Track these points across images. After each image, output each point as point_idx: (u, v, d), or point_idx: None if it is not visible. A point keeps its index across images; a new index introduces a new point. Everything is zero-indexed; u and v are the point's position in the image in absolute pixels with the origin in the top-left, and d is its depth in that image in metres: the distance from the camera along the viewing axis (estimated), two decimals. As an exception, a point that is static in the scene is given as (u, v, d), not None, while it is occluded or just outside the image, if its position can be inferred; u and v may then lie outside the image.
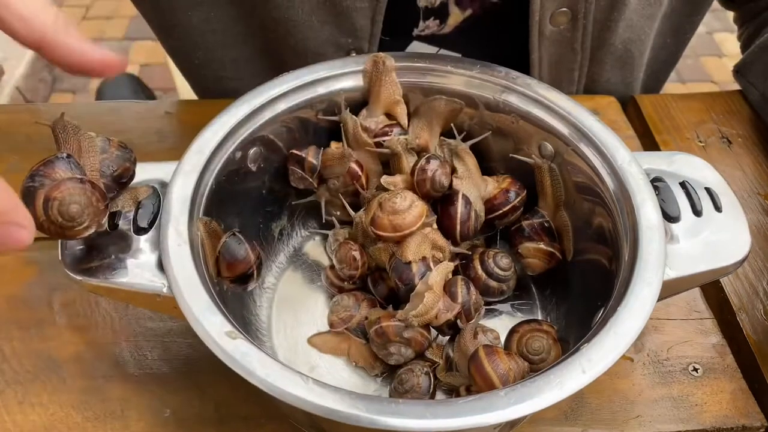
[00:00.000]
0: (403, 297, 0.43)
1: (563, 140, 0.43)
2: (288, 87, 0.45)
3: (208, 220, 0.39)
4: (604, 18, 0.60)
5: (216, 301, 0.34)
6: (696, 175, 0.42)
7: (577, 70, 0.63)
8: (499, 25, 0.61)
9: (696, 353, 0.46)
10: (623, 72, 0.67)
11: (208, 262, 0.38)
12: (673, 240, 0.38)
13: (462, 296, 0.42)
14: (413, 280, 0.42)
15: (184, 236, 0.36)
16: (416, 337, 0.41)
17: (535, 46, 0.59)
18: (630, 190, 0.39)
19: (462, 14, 0.61)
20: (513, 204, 0.45)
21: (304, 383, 0.31)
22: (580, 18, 0.58)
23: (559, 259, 0.45)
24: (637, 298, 0.34)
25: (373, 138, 0.47)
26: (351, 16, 0.57)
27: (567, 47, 0.60)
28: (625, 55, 0.65)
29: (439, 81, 0.47)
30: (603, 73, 0.65)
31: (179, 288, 0.34)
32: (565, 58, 0.61)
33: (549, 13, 0.57)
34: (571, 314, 0.45)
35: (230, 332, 0.32)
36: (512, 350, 0.42)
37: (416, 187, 0.44)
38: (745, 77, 0.64)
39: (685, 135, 0.61)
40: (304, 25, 0.58)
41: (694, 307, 0.48)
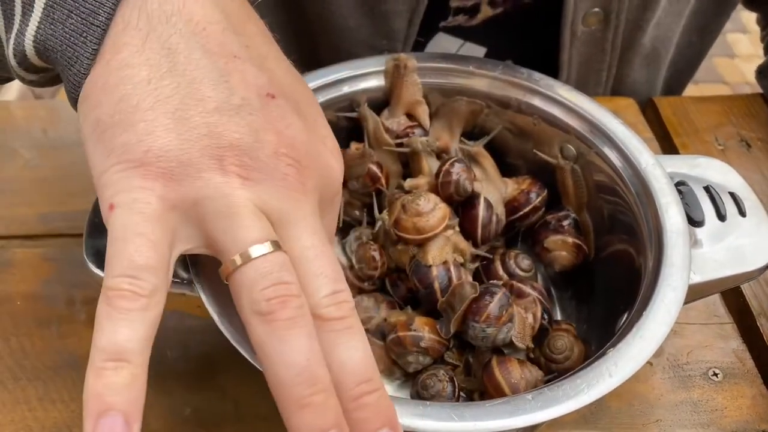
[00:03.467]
0: (423, 299, 0.43)
1: (586, 142, 0.43)
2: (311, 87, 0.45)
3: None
4: (636, 18, 0.59)
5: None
6: (719, 179, 0.42)
7: (605, 71, 0.62)
8: (527, 22, 0.61)
9: (716, 358, 0.46)
10: (649, 71, 0.66)
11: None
12: (698, 244, 0.38)
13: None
14: (433, 283, 0.42)
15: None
16: (433, 346, 0.41)
17: (566, 46, 0.59)
18: (654, 194, 0.39)
19: (493, 11, 0.61)
20: (534, 204, 0.45)
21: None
22: (612, 18, 0.57)
23: (586, 253, 0.45)
24: (663, 303, 0.34)
25: (394, 139, 0.47)
26: (389, 18, 0.57)
27: (597, 48, 0.60)
28: (653, 53, 0.65)
29: (460, 82, 0.46)
30: (630, 73, 0.65)
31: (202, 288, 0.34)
32: (595, 58, 0.61)
33: (582, 13, 0.56)
34: (592, 317, 0.45)
35: (256, 332, 0.32)
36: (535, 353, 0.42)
37: (440, 189, 0.44)
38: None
39: (704, 138, 0.61)
40: (340, 26, 0.58)
41: (714, 312, 0.48)
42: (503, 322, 0.38)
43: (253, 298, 0.25)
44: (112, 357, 0.24)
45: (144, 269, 0.25)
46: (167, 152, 0.26)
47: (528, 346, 0.39)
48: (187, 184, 0.26)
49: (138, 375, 0.24)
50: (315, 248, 0.27)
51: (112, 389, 0.23)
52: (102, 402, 0.23)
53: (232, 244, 0.26)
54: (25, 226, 0.51)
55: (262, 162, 0.27)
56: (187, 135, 0.26)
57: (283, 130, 0.28)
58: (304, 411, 0.25)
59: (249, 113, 0.27)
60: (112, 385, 0.23)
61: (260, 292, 0.25)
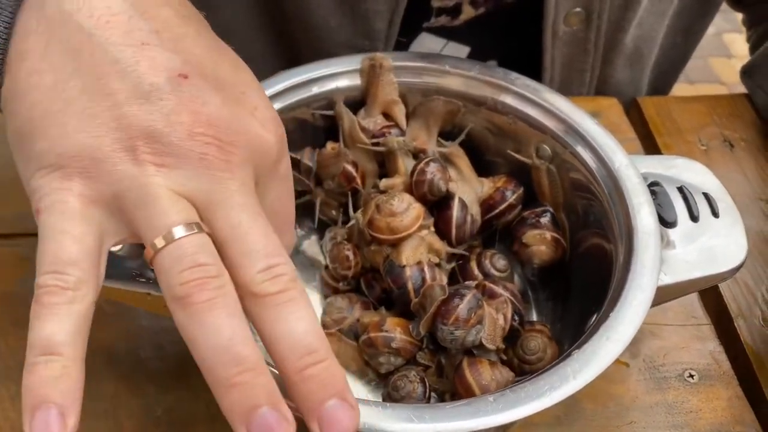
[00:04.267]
0: (396, 300, 0.42)
1: (560, 142, 0.43)
2: (283, 86, 0.44)
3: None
4: (618, 18, 0.59)
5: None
6: (694, 179, 0.41)
7: (588, 71, 0.62)
8: (510, 22, 0.61)
9: (692, 359, 0.45)
10: (633, 71, 0.66)
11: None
12: (670, 245, 0.38)
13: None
14: (406, 283, 0.42)
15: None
16: (405, 347, 0.40)
17: (548, 47, 0.59)
18: (626, 194, 0.39)
19: (475, 12, 0.60)
20: (510, 202, 0.45)
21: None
22: (594, 18, 0.57)
23: (564, 248, 0.44)
24: (631, 304, 0.34)
25: (371, 139, 0.47)
26: (369, 18, 0.56)
27: (580, 48, 0.60)
28: (635, 53, 0.64)
29: (436, 81, 0.46)
30: (614, 74, 0.65)
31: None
32: (577, 58, 0.61)
33: (563, 13, 0.56)
34: (567, 317, 0.45)
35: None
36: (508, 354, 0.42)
37: (413, 188, 0.44)
38: (753, 79, 0.63)
39: (687, 138, 0.60)
40: (321, 26, 0.58)
41: (692, 313, 0.48)
42: (472, 324, 0.38)
43: (170, 283, 0.25)
44: (42, 351, 0.24)
45: (67, 264, 0.25)
46: (80, 152, 0.26)
47: (498, 347, 0.39)
48: (104, 179, 0.26)
49: (69, 367, 0.24)
50: (243, 225, 0.27)
51: (44, 382, 0.24)
52: (35, 395, 0.23)
53: (149, 231, 0.26)
54: (3, 224, 0.51)
55: (175, 146, 0.27)
56: (97, 132, 0.26)
57: (198, 109, 0.27)
58: (232, 391, 0.25)
59: (159, 98, 0.27)
60: (44, 378, 0.24)
61: (176, 277, 0.25)
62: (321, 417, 0.25)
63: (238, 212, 0.27)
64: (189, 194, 0.27)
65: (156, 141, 0.26)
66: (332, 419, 0.25)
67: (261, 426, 0.24)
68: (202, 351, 0.25)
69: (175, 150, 0.27)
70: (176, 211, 0.26)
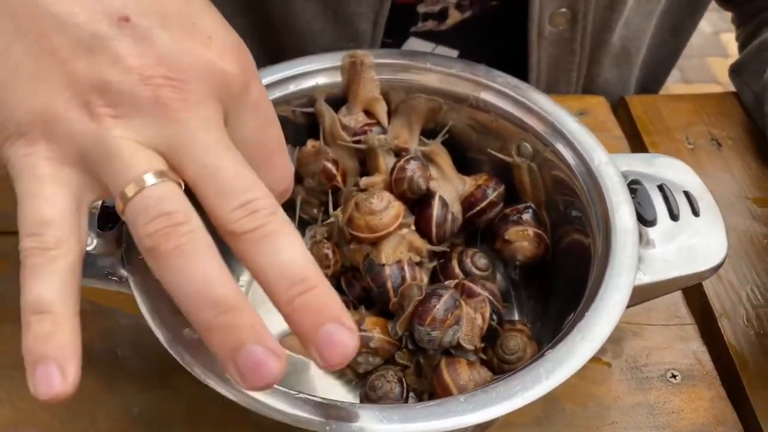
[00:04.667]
0: (376, 299, 0.42)
1: (541, 140, 0.43)
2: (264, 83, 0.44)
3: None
4: (604, 18, 0.59)
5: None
6: (676, 178, 0.41)
7: (575, 71, 0.62)
8: (497, 25, 0.60)
9: (675, 359, 0.45)
10: (620, 71, 0.66)
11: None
12: (649, 244, 0.37)
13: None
14: (386, 282, 0.41)
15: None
16: (383, 346, 0.40)
17: (534, 47, 0.58)
18: (606, 192, 0.38)
19: (461, 16, 0.60)
20: (490, 200, 0.45)
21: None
22: (579, 19, 0.57)
23: (547, 245, 0.44)
24: (607, 304, 0.33)
25: (352, 137, 0.47)
26: (353, 21, 0.56)
27: (566, 48, 0.59)
28: (622, 53, 0.64)
29: (418, 78, 0.46)
30: (601, 73, 0.65)
31: (136, 285, 0.33)
32: (563, 59, 0.60)
33: (548, 13, 0.56)
34: (548, 317, 0.44)
35: (190, 331, 0.32)
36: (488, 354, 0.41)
37: (393, 185, 0.43)
38: (740, 77, 0.63)
39: (674, 137, 0.60)
40: (305, 30, 0.58)
41: (675, 312, 0.48)
42: (449, 325, 0.37)
43: (139, 236, 0.25)
44: (33, 311, 0.24)
45: (42, 225, 0.25)
46: (37, 117, 0.26)
47: (476, 347, 0.39)
48: (65, 139, 0.26)
49: (61, 323, 0.24)
50: (210, 165, 0.26)
51: (39, 340, 0.24)
52: (33, 354, 0.24)
53: (115, 186, 0.26)
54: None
55: (128, 94, 0.26)
56: (49, 92, 0.26)
57: (144, 51, 0.26)
58: (214, 334, 0.24)
59: (103, 47, 0.26)
60: (38, 336, 0.24)
61: (143, 228, 0.25)
62: (318, 343, 0.25)
63: (204, 152, 0.26)
64: (151, 141, 0.26)
65: (107, 92, 0.26)
66: (330, 343, 0.24)
67: (248, 363, 0.24)
68: (179, 298, 0.25)
69: (128, 98, 0.26)
70: (138, 162, 0.25)
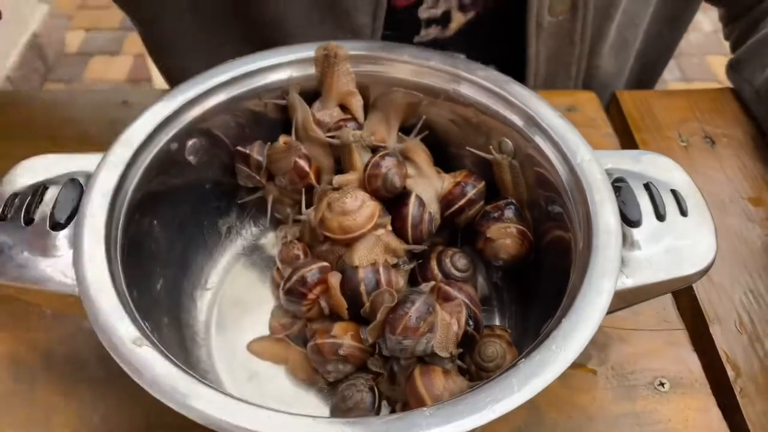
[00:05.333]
0: (349, 303, 0.40)
1: (523, 136, 0.40)
2: (232, 75, 0.42)
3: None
4: (605, 6, 0.57)
5: (128, 306, 0.31)
6: (663, 176, 0.39)
7: (575, 64, 0.60)
8: (501, 23, 0.59)
9: (663, 366, 0.43)
10: (618, 60, 0.64)
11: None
12: (633, 246, 0.35)
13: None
14: (358, 286, 0.39)
15: (100, 233, 0.33)
16: (354, 353, 0.38)
17: (532, 39, 0.57)
18: (588, 190, 0.36)
19: (465, 17, 0.58)
20: (469, 197, 0.42)
21: (208, 395, 0.28)
22: (580, 7, 0.55)
23: (531, 242, 0.42)
24: (585, 309, 0.31)
25: (326, 132, 0.44)
26: (351, 14, 0.54)
27: (566, 39, 0.57)
28: (619, 40, 0.62)
29: (394, 71, 0.44)
30: (601, 64, 0.62)
31: (86, 288, 0.31)
32: (563, 51, 0.58)
33: (548, 2, 0.54)
34: (529, 322, 0.42)
35: (137, 339, 0.30)
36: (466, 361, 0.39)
37: (366, 183, 0.41)
38: (740, 73, 0.61)
39: (666, 134, 0.58)
40: (301, 24, 0.55)
41: (665, 317, 0.45)
42: (422, 333, 0.35)
43: None
44: None
45: None
46: None
47: (452, 354, 0.37)
48: None
49: None
50: None
51: None
52: None
53: None
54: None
55: None
56: None
57: None
58: None
59: None
60: None
61: None
62: None
63: None
64: None
65: None
66: None
67: None
68: None
69: None
70: None
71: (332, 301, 0.39)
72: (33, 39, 1.79)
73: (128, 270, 0.35)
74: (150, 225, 0.39)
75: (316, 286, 0.40)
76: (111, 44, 1.94)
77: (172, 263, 0.42)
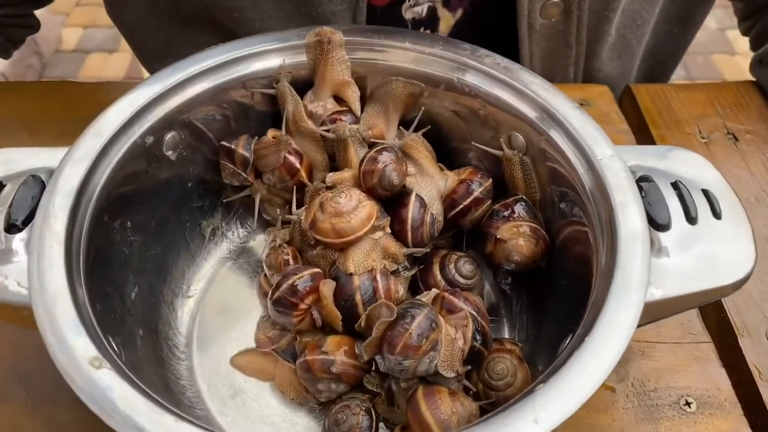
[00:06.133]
0: (344, 314, 0.36)
1: (536, 129, 0.37)
2: (215, 61, 0.38)
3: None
4: (601, 8, 0.53)
5: (89, 320, 0.27)
6: (692, 173, 0.35)
7: (572, 66, 0.57)
8: (492, 23, 0.55)
9: (689, 384, 0.39)
10: (621, 62, 0.60)
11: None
12: (661, 252, 0.31)
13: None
14: (354, 295, 0.35)
15: (59, 236, 0.30)
16: (348, 371, 0.34)
17: (525, 40, 0.53)
18: (609, 191, 0.32)
19: (453, 17, 0.55)
20: (476, 196, 0.38)
21: (174, 426, 0.24)
22: (573, 9, 0.52)
23: (546, 242, 0.38)
24: (611, 325, 0.27)
25: (319, 126, 0.41)
26: (329, 20, 0.51)
27: (561, 41, 0.54)
28: (621, 42, 0.58)
29: (394, 58, 0.40)
30: (600, 67, 0.59)
31: (39, 299, 0.27)
32: (559, 53, 0.55)
33: (539, 5, 0.51)
34: (542, 335, 0.38)
35: (95, 360, 0.26)
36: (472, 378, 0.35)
37: (361, 180, 0.38)
38: None
39: (685, 130, 0.54)
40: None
41: (689, 329, 0.42)
42: (424, 352, 0.31)
43: None
44: None
45: None
46: None
47: (458, 373, 0.33)
48: None
49: None
50: None
51: None
52: None
53: None
54: None
55: None
56: None
57: None
58: None
59: None
60: None
61: None
62: None
63: None
64: None
65: None
66: None
67: None
68: None
69: None
70: None
71: (325, 312, 0.35)
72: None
73: (94, 279, 0.31)
74: (122, 227, 0.35)
75: (307, 295, 0.36)
76: (108, 42, 1.91)
77: (148, 270, 0.38)
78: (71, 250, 0.30)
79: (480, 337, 0.34)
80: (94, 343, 0.26)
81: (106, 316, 0.30)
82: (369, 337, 0.33)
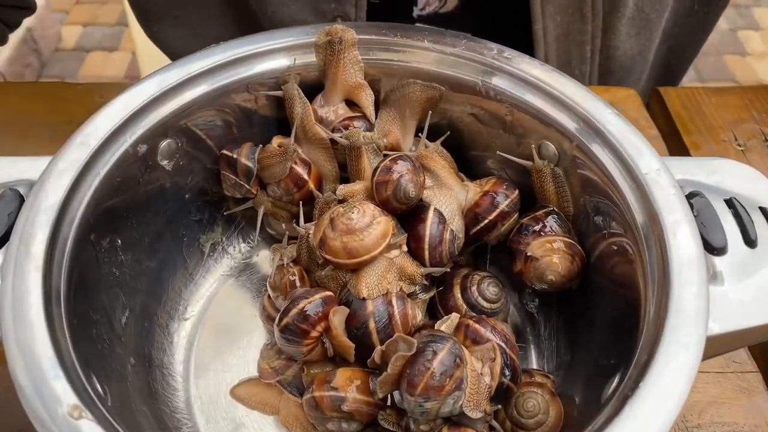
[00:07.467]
0: (356, 342, 0.32)
1: (570, 138, 0.33)
2: (216, 61, 0.35)
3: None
4: None
5: (68, 358, 0.24)
6: (746, 189, 0.31)
7: (589, 43, 0.53)
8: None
9: (736, 419, 0.36)
10: (639, 39, 0.56)
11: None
12: (717, 280, 0.28)
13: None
14: (367, 322, 0.32)
15: (37, 260, 0.26)
16: (360, 408, 0.31)
17: (538, 14, 0.50)
18: (657, 209, 0.29)
19: None
20: (501, 209, 0.35)
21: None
22: None
23: (583, 258, 0.34)
24: (668, 368, 0.24)
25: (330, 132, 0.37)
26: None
27: (575, 13, 0.51)
28: (639, 17, 0.54)
29: (412, 59, 0.36)
30: (618, 44, 0.55)
31: (12, 334, 0.24)
32: (574, 27, 0.52)
33: None
34: (576, 363, 0.35)
35: (74, 409, 0.22)
36: (499, 416, 0.32)
37: (374, 191, 0.34)
38: None
39: (720, 136, 0.51)
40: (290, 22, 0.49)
41: (733, 357, 0.38)
42: (448, 392, 0.28)
43: None
44: None
45: None
46: None
47: (486, 411, 0.29)
48: None
49: None
50: None
51: None
52: None
53: None
54: None
55: None
56: None
57: None
58: None
59: None
60: None
61: None
62: None
63: None
64: None
65: None
66: None
67: None
68: None
69: None
70: None
71: (335, 342, 0.32)
72: (26, 33, 1.72)
73: (78, 306, 0.27)
74: (111, 246, 0.32)
75: (319, 322, 0.32)
76: (108, 40, 1.88)
77: (140, 289, 0.35)
78: (51, 275, 0.26)
79: (509, 372, 0.30)
80: (74, 388, 0.23)
81: (91, 348, 0.27)
82: (385, 372, 0.30)
